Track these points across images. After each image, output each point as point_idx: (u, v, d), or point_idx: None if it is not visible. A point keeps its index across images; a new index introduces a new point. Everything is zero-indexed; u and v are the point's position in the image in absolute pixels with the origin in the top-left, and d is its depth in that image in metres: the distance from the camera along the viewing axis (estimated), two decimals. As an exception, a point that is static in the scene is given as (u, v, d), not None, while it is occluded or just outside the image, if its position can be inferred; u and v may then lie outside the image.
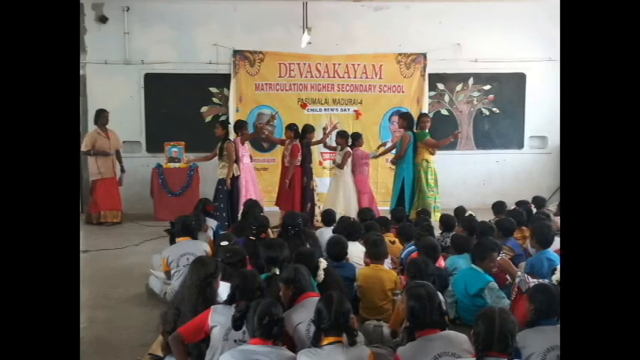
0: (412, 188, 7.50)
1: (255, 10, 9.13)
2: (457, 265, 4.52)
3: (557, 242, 4.59)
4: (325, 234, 5.44)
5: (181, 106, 9.25)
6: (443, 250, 4.96)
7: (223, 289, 3.40)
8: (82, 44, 8.91)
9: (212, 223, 6.33)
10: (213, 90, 9.37)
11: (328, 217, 6.24)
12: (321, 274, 3.66)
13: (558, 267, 3.55)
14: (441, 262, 4.67)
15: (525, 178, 9.51)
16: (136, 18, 9.15)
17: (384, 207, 7.90)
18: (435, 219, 6.88)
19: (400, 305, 3.49)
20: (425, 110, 9.17)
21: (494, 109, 9.67)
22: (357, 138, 7.95)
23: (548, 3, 8.44)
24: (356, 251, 4.89)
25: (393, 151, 8.02)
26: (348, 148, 7.78)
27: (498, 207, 6.68)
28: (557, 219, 5.83)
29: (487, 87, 9.63)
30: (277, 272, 3.71)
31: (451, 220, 6.00)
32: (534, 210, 6.67)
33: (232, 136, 7.88)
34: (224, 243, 4.67)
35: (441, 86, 9.61)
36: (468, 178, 9.52)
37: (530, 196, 7.34)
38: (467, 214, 5.97)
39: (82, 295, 4.55)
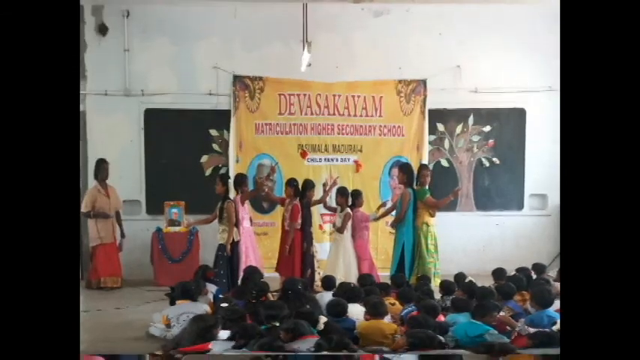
0: (412, 254, 7.44)
1: (256, 19, 9.23)
2: (457, 320, 4.50)
3: (556, 304, 4.58)
4: (325, 297, 5.44)
5: (182, 153, 9.24)
6: (442, 310, 4.95)
7: (223, 334, 3.41)
8: (81, 64, 8.91)
9: (212, 287, 6.33)
10: (214, 133, 9.36)
11: (328, 282, 6.27)
12: (321, 325, 3.67)
13: (558, 321, 3.55)
14: (441, 318, 4.64)
15: (526, 243, 9.42)
16: (136, 30, 9.20)
17: (384, 273, 7.82)
18: (435, 284, 6.86)
19: (400, 341, 3.51)
20: (425, 160, 9.21)
21: (494, 158, 9.67)
22: (357, 197, 7.87)
23: (548, 28, 8.61)
24: (356, 312, 4.87)
25: (393, 212, 7.99)
26: (348, 210, 7.71)
27: (498, 273, 6.67)
28: (557, 284, 5.82)
29: (487, 128, 9.63)
30: (277, 324, 3.72)
31: (451, 286, 6.03)
32: (534, 276, 6.67)
33: (232, 192, 7.87)
34: (224, 305, 4.69)
35: (441, 127, 9.61)
36: (468, 244, 9.45)
37: (530, 261, 7.34)
38: (467, 280, 5.99)
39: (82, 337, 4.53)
